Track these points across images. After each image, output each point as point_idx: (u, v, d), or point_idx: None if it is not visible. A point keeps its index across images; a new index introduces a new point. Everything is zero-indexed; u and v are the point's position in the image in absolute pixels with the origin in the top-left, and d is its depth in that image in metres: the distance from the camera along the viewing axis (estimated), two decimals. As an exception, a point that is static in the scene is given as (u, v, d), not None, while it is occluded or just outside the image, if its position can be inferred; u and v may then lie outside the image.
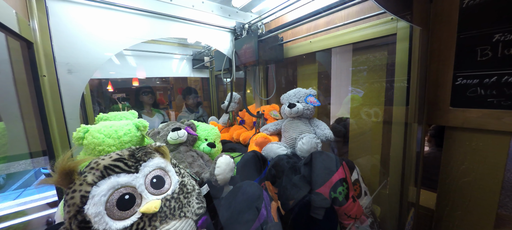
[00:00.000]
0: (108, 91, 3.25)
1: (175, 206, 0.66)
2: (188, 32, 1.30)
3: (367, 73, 1.16)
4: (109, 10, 1.02)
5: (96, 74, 2.10)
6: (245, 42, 1.33)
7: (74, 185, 0.54)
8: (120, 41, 1.07)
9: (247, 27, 1.44)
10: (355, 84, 1.22)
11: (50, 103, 0.89)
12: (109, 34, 1.03)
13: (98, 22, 1.00)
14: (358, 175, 0.95)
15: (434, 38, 0.88)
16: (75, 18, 0.94)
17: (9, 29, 0.72)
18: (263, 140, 1.27)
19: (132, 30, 1.09)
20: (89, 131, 0.70)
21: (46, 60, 0.87)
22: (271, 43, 1.31)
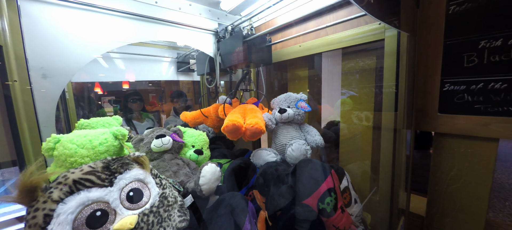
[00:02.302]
0: (97, 94, 3.14)
1: (153, 221, 0.61)
2: (173, 35, 1.26)
3: (356, 78, 1.15)
4: (88, 11, 0.97)
5: (83, 77, 2.03)
6: (230, 43, 1.26)
7: (36, 203, 0.49)
8: (101, 44, 1.02)
9: (230, 29, 1.39)
10: (345, 89, 1.21)
11: (22, 110, 0.83)
12: (89, 36, 0.98)
13: (77, 24, 0.95)
14: (348, 183, 0.93)
15: (421, 44, 0.88)
16: (51, 19, 0.89)
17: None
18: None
19: (114, 33, 1.05)
20: (61, 141, 0.64)
21: (18, 64, 0.81)
22: (258, 45, 1.22)
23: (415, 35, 0.87)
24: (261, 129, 0.99)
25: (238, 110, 1.16)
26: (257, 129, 0.98)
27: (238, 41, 1.17)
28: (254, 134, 1.01)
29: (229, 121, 0.96)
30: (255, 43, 1.20)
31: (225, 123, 0.98)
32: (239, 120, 0.99)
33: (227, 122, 0.97)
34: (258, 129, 0.98)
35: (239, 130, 0.98)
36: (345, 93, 1.20)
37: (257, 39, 1.21)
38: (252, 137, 1.03)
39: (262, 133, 1.01)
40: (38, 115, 0.86)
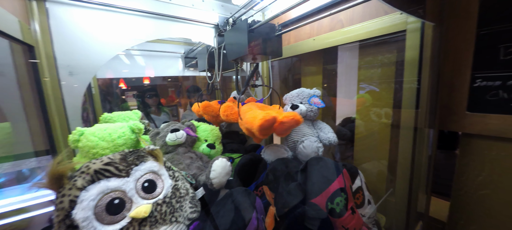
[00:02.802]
0: (121, 89, 3.37)
1: (166, 211, 0.65)
2: (188, 31, 1.28)
3: (375, 73, 1.08)
4: (108, 11, 1.03)
5: (108, 73, 2.17)
6: (234, 34, 1.09)
7: (63, 189, 0.54)
8: (120, 42, 1.07)
9: (232, 22, 1.26)
10: (362, 84, 1.15)
11: (53, 105, 0.91)
12: (109, 35, 1.04)
13: (97, 23, 1.01)
14: (362, 182, 0.89)
15: (449, 35, 0.80)
16: (75, 20, 0.96)
17: (11, 37, 0.74)
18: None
19: (132, 31, 1.10)
20: (84, 134, 0.70)
21: (48, 63, 0.89)
22: (265, 34, 1.04)
23: (441, 24, 0.79)
24: (299, 119, 0.86)
25: (255, 107, 1.06)
26: (297, 121, 0.85)
27: (242, 30, 1.01)
28: (290, 128, 0.91)
29: (266, 116, 0.81)
30: (261, 33, 1.03)
31: (259, 120, 0.81)
32: (272, 113, 0.85)
33: (264, 117, 0.81)
34: (297, 120, 0.85)
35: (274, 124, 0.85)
36: (364, 88, 1.14)
37: (264, 28, 1.04)
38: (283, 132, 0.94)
39: (300, 123, 0.88)
40: (66, 109, 0.94)
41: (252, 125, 0.84)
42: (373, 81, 1.10)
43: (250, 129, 0.89)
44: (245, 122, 0.91)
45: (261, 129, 0.82)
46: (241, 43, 0.98)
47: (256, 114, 0.87)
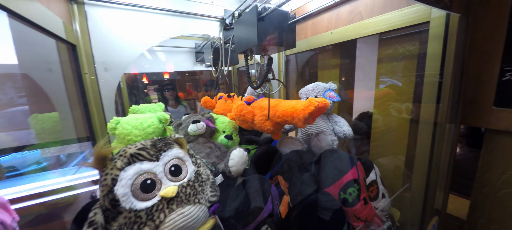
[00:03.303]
0: (144, 83, 3.60)
1: (190, 193, 0.72)
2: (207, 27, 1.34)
3: (395, 66, 1.06)
4: (136, 11, 1.12)
5: (132, 69, 2.34)
6: (242, 24, 0.98)
7: (106, 168, 0.64)
8: (147, 39, 1.16)
9: (237, 14, 1.12)
10: (381, 78, 1.12)
11: (91, 97, 1.03)
12: (136, 34, 1.13)
13: (126, 23, 1.11)
14: (377, 176, 0.90)
15: (477, 25, 0.76)
16: (109, 21, 1.06)
17: (57, 36, 0.85)
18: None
19: (157, 29, 1.18)
20: (120, 123, 0.80)
21: (87, 60, 1.01)
22: (277, 23, 0.93)
23: (468, 15, 0.76)
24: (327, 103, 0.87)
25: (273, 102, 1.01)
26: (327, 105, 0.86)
27: (251, 18, 0.91)
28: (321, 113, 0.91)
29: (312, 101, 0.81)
30: (273, 21, 0.92)
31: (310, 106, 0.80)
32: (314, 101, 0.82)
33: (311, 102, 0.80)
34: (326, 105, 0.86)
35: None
36: (384, 82, 1.12)
37: (276, 16, 0.92)
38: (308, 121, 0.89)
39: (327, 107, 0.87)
40: (102, 101, 1.06)
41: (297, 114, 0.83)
42: (393, 75, 1.07)
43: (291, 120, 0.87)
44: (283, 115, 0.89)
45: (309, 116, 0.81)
46: (250, 33, 0.89)
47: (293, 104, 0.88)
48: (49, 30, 0.79)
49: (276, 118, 0.94)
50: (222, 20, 1.39)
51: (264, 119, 0.99)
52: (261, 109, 1.03)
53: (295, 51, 1.56)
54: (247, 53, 1.03)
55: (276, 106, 0.96)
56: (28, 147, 1.09)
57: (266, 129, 1.00)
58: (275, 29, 0.92)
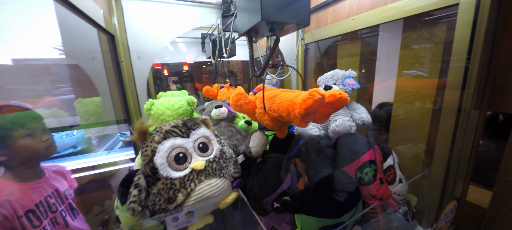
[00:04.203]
0: (164, 75, 3.83)
1: (216, 168, 0.80)
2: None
3: (419, 53, 1.03)
4: (162, 3, 1.20)
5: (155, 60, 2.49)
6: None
7: (147, 141, 0.74)
8: (171, 31, 1.25)
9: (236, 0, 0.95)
10: (403, 65, 1.10)
11: (127, 83, 1.15)
12: (163, 25, 1.22)
13: (155, 15, 1.20)
14: (394, 162, 0.91)
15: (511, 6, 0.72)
16: (140, 13, 1.16)
17: (99, 26, 0.96)
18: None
19: (182, 19, 1.26)
20: (155, 104, 0.90)
21: (123, 49, 1.12)
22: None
23: (502, -4, 0.72)
24: (346, 97, 0.65)
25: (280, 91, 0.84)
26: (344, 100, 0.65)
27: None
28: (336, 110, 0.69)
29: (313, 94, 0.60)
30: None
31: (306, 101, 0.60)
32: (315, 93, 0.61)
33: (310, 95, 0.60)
34: (344, 99, 0.65)
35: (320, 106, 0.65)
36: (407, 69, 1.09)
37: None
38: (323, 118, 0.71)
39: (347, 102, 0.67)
40: (136, 86, 1.18)
41: (292, 109, 0.64)
42: (417, 62, 1.04)
43: (287, 116, 0.69)
44: (278, 108, 0.72)
45: (306, 113, 0.61)
46: (253, 8, 0.71)
47: (291, 96, 0.69)
48: (92, 18, 0.90)
49: (272, 112, 0.77)
50: (220, 7, 1.30)
51: (263, 112, 0.84)
52: (262, 100, 0.84)
53: (314, 39, 1.56)
54: (251, 35, 0.83)
55: (274, 97, 0.78)
56: (75, 127, 1.25)
57: (265, 124, 0.85)
58: (284, 2, 0.72)
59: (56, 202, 0.87)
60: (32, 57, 1.05)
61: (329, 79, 1.23)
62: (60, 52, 1.06)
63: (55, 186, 0.89)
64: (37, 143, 0.81)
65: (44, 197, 0.83)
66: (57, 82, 1.18)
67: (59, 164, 0.98)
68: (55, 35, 0.97)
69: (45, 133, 0.84)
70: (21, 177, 0.81)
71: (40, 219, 0.79)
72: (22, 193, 0.78)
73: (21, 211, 0.75)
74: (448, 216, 0.79)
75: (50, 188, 0.87)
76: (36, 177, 0.85)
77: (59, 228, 0.86)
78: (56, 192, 0.88)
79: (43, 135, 0.83)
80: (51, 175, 0.92)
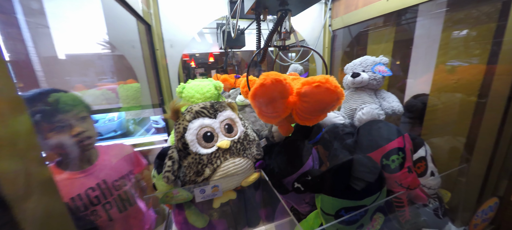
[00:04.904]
0: (191, 66, 4.05)
1: (240, 148, 0.85)
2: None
3: (465, 36, 0.92)
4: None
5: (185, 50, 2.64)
6: None
7: (179, 119, 0.81)
8: (201, 20, 1.31)
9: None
10: (444, 50, 1.00)
11: (161, 69, 1.26)
12: (193, 14, 1.29)
13: (185, 6, 1.26)
14: (427, 154, 0.85)
15: None
16: (173, 3, 1.24)
17: (139, 16, 1.06)
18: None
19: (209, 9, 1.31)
20: (185, 88, 0.97)
21: (158, 39, 1.22)
22: None
23: None
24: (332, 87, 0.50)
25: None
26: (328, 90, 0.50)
27: None
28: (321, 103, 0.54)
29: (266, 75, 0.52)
30: None
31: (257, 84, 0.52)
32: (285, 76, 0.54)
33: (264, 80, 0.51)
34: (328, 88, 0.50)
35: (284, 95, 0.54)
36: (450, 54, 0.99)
37: None
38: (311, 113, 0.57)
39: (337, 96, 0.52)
40: (169, 73, 1.28)
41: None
42: (462, 45, 0.94)
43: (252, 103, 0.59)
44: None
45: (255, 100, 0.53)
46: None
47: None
48: (133, 8, 1.00)
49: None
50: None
51: None
52: None
53: (344, 25, 1.48)
54: (259, 11, 0.71)
55: None
56: (116, 108, 1.42)
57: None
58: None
59: (101, 194, 0.81)
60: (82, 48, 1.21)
61: (357, 66, 1.18)
62: (106, 43, 1.21)
63: (104, 177, 0.83)
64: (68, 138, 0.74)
65: (85, 190, 0.77)
66: (103, 69, 1.34)
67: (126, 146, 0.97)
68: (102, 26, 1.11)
69: (78, 126, 0.75)
70: (66, 166, 0.77)
71: (75, 212, 0.74)
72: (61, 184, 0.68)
73: None
74: (486, 213, 0.72)
75: (96, 179, 0.81)
76: (86, 165, 0.81)
77: (101, 221, 0.80)
78: (104, 183, 0.82)
79: (75, 128, 0.75)
80: (107, 160, 0.87)
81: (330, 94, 0.49)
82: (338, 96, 0.50)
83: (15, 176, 0.30)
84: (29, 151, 0.32)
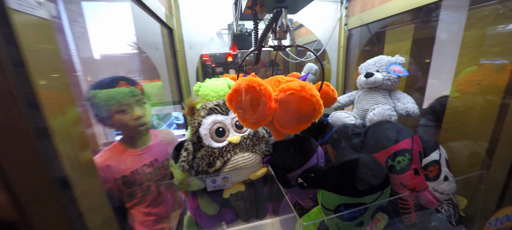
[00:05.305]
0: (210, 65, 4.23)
1: (249, 143, 0.91)
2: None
3: (491, 33, 0.86)
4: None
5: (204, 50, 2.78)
6: None
7: (194, 115, 0.90)
8: (218, 22, 1.39)
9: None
10: (468, 48, 0.94)
11: (181, 69, 1.36)
12: (211, 17, 1.37)
13: (204, 9, 1.35)
14: (441, 157, 0.82)
15: None
16: (192, 8, 1.33)
17: (162, 21, 1.17)
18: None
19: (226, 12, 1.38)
20: (201, 86, 1.06)
21: (178, 41, 1.33)
22: None
23: None
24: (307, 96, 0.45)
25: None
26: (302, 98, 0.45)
27: None
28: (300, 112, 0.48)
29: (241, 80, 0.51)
30: None
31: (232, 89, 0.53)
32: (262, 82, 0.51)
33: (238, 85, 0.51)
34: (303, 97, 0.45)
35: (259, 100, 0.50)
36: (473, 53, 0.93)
37: None
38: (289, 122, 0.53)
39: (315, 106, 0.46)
40: (188, 73, 1.38)
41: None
42: (486, 43, 0.88)
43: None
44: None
45: (231, 103, 0.52)
46: None
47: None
48: (157, 15, 1.11)
49: None
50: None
51: None
52: None
53: (362, 23, 1.45)
54: (255, 10, 0.67)
55: None
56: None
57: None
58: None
59: (153, 171, 0.96)
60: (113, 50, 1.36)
61: (371, 66, 1.16)
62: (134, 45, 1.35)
63: (155, 156, 0.99)
64: (129, 119, 0.89)
65: (141, 165, 0.94)
66: (132, 68, 1.50)
67: (171, 132, 1.12)
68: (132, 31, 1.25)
69: (138, 111, 0.90)
70: (128, 144, 0.94)
71: (132, 184, 0.91)
72: (124, 158, 0.91)
73: (118, 175, 0.89)
74: (502, 221, 0.68)
75: (150, 157, 0.97)
76: (142, 145, 0.97)
77: (151, 196, 0.96)
78: (156, 161, 0.98)
79: (136, 112, 0.90)
80: (158, 143, 1.01)
81: (305, 103, 0.45)
82: (315, 106, 0.46)
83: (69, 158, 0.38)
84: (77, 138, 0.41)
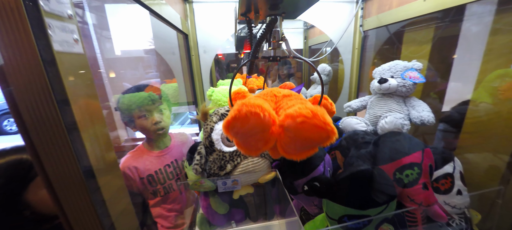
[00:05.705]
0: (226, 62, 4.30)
1: (258, 149, 0.94)
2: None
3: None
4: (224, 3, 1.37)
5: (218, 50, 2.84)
6: None
7: (207, 121, 0.95)
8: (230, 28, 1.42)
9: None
10: (492, 55, 0.89)
11: (195, 72, 1.42)
12: (225, 22, 1.40)
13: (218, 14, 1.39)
14: (455, 170, 0.80)
15: None
16: (207, 14, 1.37)
17: (177, 28, 1.22)
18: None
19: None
20: (214, 91, 1.11)
21: (193, 45, 1.38)
22: None
23: None
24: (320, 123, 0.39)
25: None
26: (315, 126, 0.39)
27: None
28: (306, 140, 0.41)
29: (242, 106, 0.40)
30: None
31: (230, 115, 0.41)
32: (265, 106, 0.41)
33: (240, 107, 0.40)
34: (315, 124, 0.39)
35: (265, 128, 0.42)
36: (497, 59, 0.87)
37: None
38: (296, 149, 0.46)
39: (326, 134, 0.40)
40: (202, 75, 1.44)
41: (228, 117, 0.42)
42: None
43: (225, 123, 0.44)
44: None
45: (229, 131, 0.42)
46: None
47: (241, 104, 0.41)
48: (173, 23, 1.17)
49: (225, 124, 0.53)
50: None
51: None
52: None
53: (375, 26, 1.41)
54: (248, 17, 0.65)
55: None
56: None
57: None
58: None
59: (174, 170, 1.03)
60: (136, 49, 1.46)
61: (386, 71, 1.13)
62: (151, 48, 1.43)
63: (175, 157, 1.07)
64: (149, 125, 0.96)
65: (163, 165, 1.01)
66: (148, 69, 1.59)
67: (187, 134, 1.20)
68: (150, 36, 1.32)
69: (157, 117, 0.96)
70: (151, 146, 1.01)
71: (156, 182, 0.99)
72: (148, 159, 0.98)
73: (143, 174, 0.97)
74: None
75: (170, 158, 1.04)
76: (163, 146, 1.05)
77: (173, 194, 1.04)
78: (175, 162, 1.06)
79: (155, 117, 0.96)
80: (176, 144, 1.07)
81: (318, 132, 0.39)
82: (328, 134, 0.39)
83: (94, 152, 0.44)
84: (101, 138, 0.46)
